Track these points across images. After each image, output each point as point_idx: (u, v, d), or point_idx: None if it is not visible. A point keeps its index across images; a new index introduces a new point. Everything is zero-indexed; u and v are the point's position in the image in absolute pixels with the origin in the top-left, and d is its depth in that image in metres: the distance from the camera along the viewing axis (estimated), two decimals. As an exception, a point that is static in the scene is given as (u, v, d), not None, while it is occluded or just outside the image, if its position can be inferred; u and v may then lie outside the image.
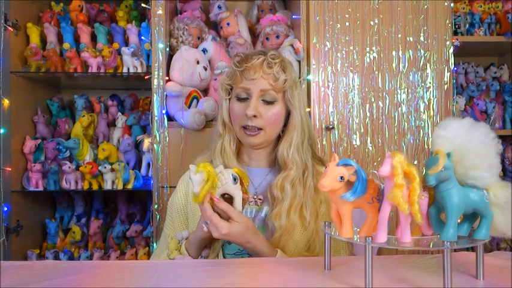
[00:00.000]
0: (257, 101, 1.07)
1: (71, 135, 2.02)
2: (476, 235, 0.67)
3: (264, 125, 1.07)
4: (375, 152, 1.76)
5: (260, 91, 1.07)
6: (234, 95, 1.11)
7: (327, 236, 0.74)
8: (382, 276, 0.70)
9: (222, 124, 1.13)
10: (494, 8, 2.08)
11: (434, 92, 1.79)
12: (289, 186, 1.07)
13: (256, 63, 1.06)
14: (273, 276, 0.73)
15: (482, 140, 0.66)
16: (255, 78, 1.06)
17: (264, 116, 1.07)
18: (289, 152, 1.08)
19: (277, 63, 1.07)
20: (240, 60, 1.09)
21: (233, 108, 1.10)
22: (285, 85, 1.08)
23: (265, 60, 1.06)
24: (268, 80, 1.06)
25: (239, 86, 1.08)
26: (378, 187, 0.68)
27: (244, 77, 1.07)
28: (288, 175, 1.07)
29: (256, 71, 1.06)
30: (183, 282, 0.71)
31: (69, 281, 0.71)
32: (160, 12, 1.71)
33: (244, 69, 1.07)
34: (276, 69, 1.06)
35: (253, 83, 1.06)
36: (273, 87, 1.07)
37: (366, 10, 1.76)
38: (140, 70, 1.92)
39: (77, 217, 2.12)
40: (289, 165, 1.08)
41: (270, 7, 2.05)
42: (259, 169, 1.15)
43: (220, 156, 1.11)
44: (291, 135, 1.09)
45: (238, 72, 1.08)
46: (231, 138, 1.12)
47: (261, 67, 1.06)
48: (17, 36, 1.91)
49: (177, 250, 1.00)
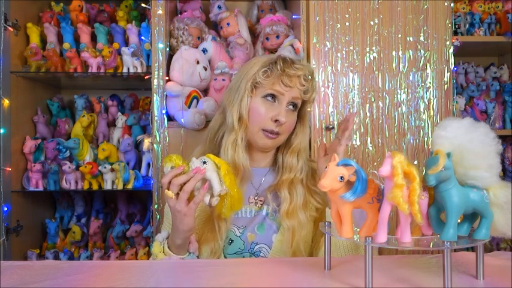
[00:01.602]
0: (286, 107, 1.09)
1: (71, 135, 2.02)
2: (476, 235, 0.67)
3: (284, 131, 1.10)
4: (375, 152, 1.76)
5: (292, 98, 1.09)
6: (260, 94, 1.09)
7: (327, 236, 0.74)
8: (382, 276, 0.70)
9: (238, 119, 1.09)
10: (494, 8, 2.08)
11: (434, 92, 1.79)
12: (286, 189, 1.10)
13: (298, 73, 1.08)
14: (273, 276, 0.73)
15: (482, 140, 0.66)
16: (292, 86, 1.08)
17: (287, 122, 1.09)
18: (290, 157, 1.14)
19: (311, 79, 1.11)
20: (285, 65, 1.08)
21: (257, 108, 1.08)
22: (310, 100, 1.14)
23: (304, 73, 1.09)
24: (300, 90, 1.10)
25: (273, 88, 1.08)
26: (378, 187, 0.68)
27: (282, 81, 1.08)
28: (288, 177, 1.11)
29: (294, 80, 1.08)
30: (183, 282, 0.71)
31: (69, 281, 0.71)
32: (160, 12, 1.71)
33: (287, 74, 1.07)
34: (309, 84, 1.11)
35: (288, 89, 1.08)
36: (301, 98, 1.11)
37: (366, 10, 1.76)
38: (140, 70, 1.92)
39: (77, 217, 2.12)
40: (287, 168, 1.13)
41: (270, 7, 2.05)
42: (258, 169, 1.16)
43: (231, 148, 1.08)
44: (293, 141, 1.15)
45: (278, 75, 1.07)
46: (244, 136, 1.10)
47: (299, 78, 1.09)
48: (17, 36, 1.91)
49: (161, 252, 1.00)
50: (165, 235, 1.02)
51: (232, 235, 1.09)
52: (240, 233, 1.10)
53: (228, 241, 1.09)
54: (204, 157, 0.90)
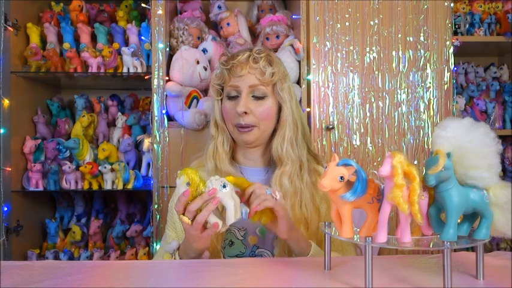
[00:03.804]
0: (247, 98, 1.07)
1: (71, 135, 2.02)
2: (476, 235, 0.67)
3: (257, 121, 1.07)
4: (375, 152, 1.76)
5: (249, 87, 1.06)
6: (224, 94, 1.11)
7: (327, 236, 0.74)
8: (382, 276, 0.70)
9: (215, 125, 1.12)
10: (494, 8, 2.08)
11: (434, 92, 1.79)
12: (288, 182, 1.05)
13: (242, 59, 1.07)
14: (273, 276, 0.73)
15: (482, 140, 0.66)
16: (242, 75, 1.06)
17: (255, 112, 1.06)
18: (283, 146, 1.07)
19: (262, 57, 1.07)
20: (226, 59, 1.10)
21: (225, 108, 1.10)
22: (273, 78, 1.07)
23: (250, 55, 1.07)
24: (255, 75, 1.06)
25: (229, 85, 1.09)
26: (378, 187, 0.68)
27: (232, 75, 1.07)
28: (284, 171, 1.06)
29: (243, 68, 1.06)
30: (183, 282, 0.71)
31: (69, 281, 0.71)
32: (160, 12, 1.71)
33: (231, 67, 1.07)
34: (262, 63, 1.06)
35: (241, 79, 1.06)
36: (261, 82, 1.07)
37: (366, 10, 1.76)
38: (140, 70, 1.92)
39: (77, 217, 2.12)
40: (284, 160, 1.07)
41: (270, 7, 2.05)
42: (255, 168, 1.14)
43: (213, 158, 1.10)
44: (283, 130, 1.08)
45: (226, 71, 1.08)
46: (225, 139, 1.11)
47: (247, 63, 1.06)
48: (17, 36, 1.91)
49: None
50: (175, 245, 0.98)
51: (233, 237, 1.08)
52: (241, 236, 1.08)
53: (228, 243, 1.08)
54: (224, 180, 0.83)
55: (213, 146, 1.11)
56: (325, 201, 1.10)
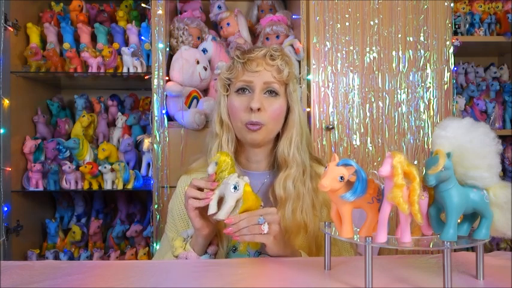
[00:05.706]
0: (260, 94, 1.03)
1: (71, 135, 2.02)
2: (476, 235, 0.67)
3: (267, 120, 1.03)
4: (375, 152, 1.76)
5: (264, 83, 1.03)
6: (233, 90, 1.06)
7: (327, 236, 0.74)
8: (382, 276, 0.70)
9: (219, 123, 1.08)
10: (494, 8, 2.08)
11: (434, 92, 1.79)
12: (292, 186, 1.03)
13: (259, 54, 1.04)
14: (273, 276, 0.73)
15: (482, 140, 0.66)
16: (258, 70, 1.03)
17: (268, 109, 1.03)
18: (290, 149, 1.05)
19: (279, 55, 1.05)
20: (241, 52, 1.06)
21: (233, 104, 1.05)
22: (288, 78, 1.05)
23: (268, 52, 1.04)
24: (271, 72, 1.04)
25: (240, 80, 1.05)
26: (378, 187, 0.68)
27: (246, 69, 1.04)
28: (289, 174, 1.04)
29: (259, 63, 1.03)
30: (183, 282, 0.71)
31: (69, 281, 0.71)
32: (160, 12, 1.71)
33: (247, 61, 1.04)
34: (279, 61, 1.04)
35: (256, 75, 1.03)
36: (276, 80, 1.04)
37: (366, 10, 1.77)
38: (140, 70, 1.92)
39: (77, 217, 2.12)
40: (289, 163, 1.05)
41: (270, 7, 2.05)
42: (258, 172, 1.11)
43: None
44: (291, 133, 1.06)
45: (240, 65, 1.05)
46: (229, 138, 1.07)
47: (263, 59, 1.04)
48: (17, 36, 1.91)
49: (181, 247, 0.98)
50: (191, 233, 0.99)
51: (236, 243, 1.04)
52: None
53: (231, 248, 1.05)
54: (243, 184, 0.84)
55: (218, 144, 1.07)
56: (325, 207, 1.08)
